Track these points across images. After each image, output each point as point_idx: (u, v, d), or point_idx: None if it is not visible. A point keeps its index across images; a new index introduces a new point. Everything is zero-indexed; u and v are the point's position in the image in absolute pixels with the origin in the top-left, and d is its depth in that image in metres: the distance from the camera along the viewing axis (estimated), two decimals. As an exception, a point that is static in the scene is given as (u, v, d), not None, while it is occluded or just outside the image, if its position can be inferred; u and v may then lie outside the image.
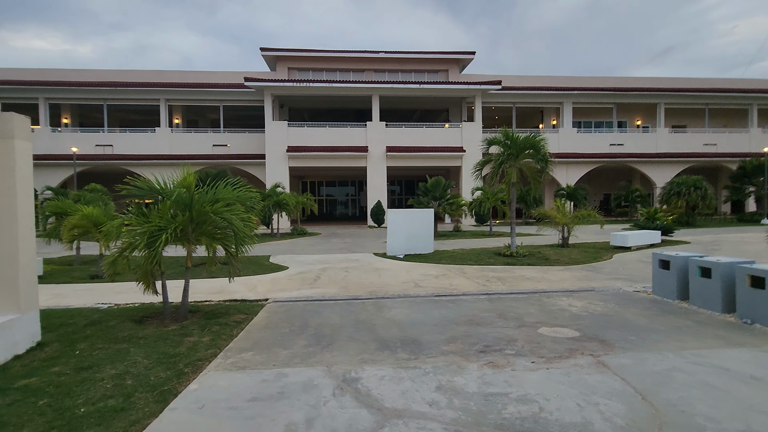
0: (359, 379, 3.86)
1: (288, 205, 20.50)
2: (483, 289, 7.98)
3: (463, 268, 10.60)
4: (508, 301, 7.01)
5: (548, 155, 11.83)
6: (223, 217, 5.60)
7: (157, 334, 5.16)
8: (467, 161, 29.49)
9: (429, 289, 8.14)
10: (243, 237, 5.62)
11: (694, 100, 35.03)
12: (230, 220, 5.55)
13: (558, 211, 14.54)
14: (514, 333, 5.19)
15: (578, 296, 7.31)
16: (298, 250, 15.04)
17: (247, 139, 30.66)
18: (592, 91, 33.27)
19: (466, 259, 11.90)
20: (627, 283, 8.40)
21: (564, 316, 5.94)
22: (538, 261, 11.41)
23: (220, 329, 5.39)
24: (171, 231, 5.24)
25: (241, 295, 7.72)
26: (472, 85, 29.11)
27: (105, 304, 7.08)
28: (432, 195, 19.52)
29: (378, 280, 9.08)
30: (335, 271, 10.37)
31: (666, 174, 33.61)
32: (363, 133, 28.99)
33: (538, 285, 8.36)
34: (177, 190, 5.51)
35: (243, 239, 5.66)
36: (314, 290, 8.15)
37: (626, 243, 13.54)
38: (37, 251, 5.09)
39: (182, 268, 9.29)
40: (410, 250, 13.20)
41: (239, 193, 6.00)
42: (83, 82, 29.94)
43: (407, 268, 10.78)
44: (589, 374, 3.87)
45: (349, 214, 39.67)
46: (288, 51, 32.93)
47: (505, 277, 9.20)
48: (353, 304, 6.98)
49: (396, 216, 13.31)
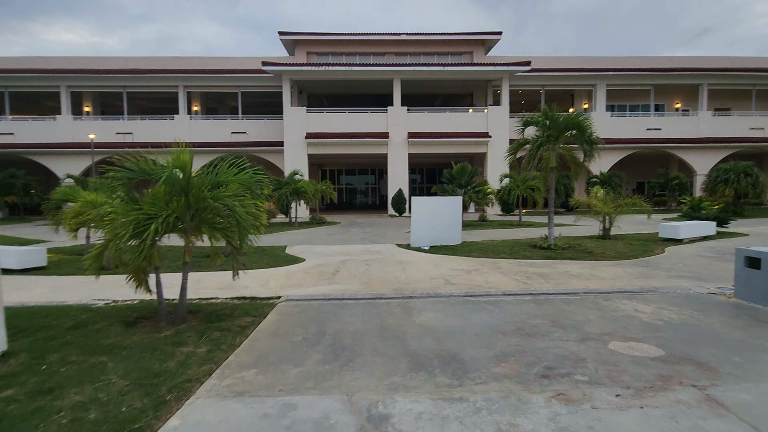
0: (389, 417, 2.92)
1: (306, 193, 19.71)
2: (525, 288, 6.93)
3: (497, 262, 9.54)
4: (559, 303, 5.96)
5: (596, 137, 10.54)
6: (224, 203, 4.71)
7: (145, 342, 4.35)
8: (493, 148, 28.07)
9: (462, 286, 7.14)
10: (247, 227, 4.72)
11: (740, 80, 32.44)
12: (232, 207, 4.66)
13: (598, 200, 13.23)
14: (580, 349, 4.16)
15: (642, 298, 6.19)
16: (316, 240, 14.22)
17: (266, 126, 29.95)
18: (628, 71, 31.15)
19: (498, 251, 10.82)
20: (695, 283, 7.19)
21: (634, 326, 4.87)
22: (580, 255, 10.23)
23: (221, 336, 4.54)
24: (162, 220, 4.39)
25: (251, 292, 6.90)
26: (500, 66, 27.47)
27: (101, 300, 6.36)
28: (457, 182, 18.36)
29: (403, 276, 8.13)
30: (356, 264, 9.47)
31: (707, 160, 31.40)
32: (384, 118, 27.85)
33: (588, 284, 7.25)
34: (168, 170, 4.64)
35: (247, 229, 4.76)
36: (333, 286, 7.26)
37: (678, 235, 12.16)
38: (48, 240, 4.30)
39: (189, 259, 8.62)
40: (436, 242, 12.18)
41: (243, 175, 5.10)
42: (103, 70, 29.72)
43: (434, 261, 9.79)
44: (704, 419, 2.83)
45: (369, 203, 38.75)
46: (306, 35, 31.95)
47: (548, 274, 8.11)
48: (377, 304, 6.06)
49: (421, 204, 12.28)
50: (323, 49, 32.69)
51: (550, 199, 11.49)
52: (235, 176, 5.10)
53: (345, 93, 33.48)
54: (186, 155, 4.72)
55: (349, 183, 39.12)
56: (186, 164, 4.73)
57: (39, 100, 33.54)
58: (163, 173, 4.59)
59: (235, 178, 5.08)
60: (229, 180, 5.04)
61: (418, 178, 38.02)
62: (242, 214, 4.64)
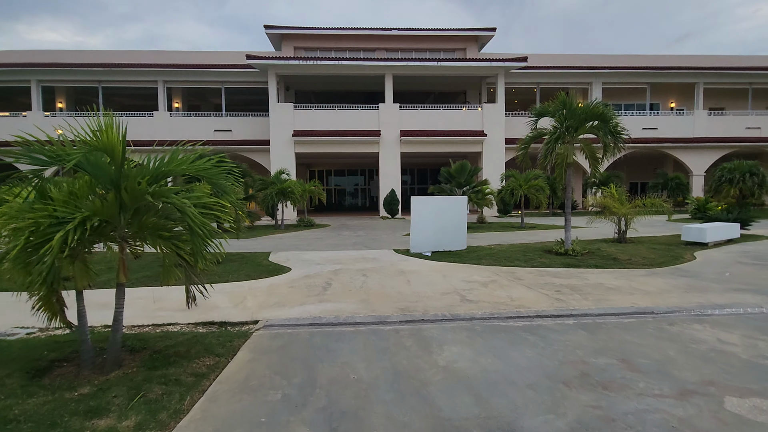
0: None
1: (293, 194, 18.23)
2: (562, 307, 5.64)
3: (515, 271, 8.24)
4: (615, 330, 4.67)
5: (620, 128, 9.34)
6: (170, 202, 3.31)
7: (46, 408, 2.91)
8: (489, 146, 26.95)
9: (483, 305, 5.82)
10: (204, 234, 3.32)
11: (737, 79, 31.90)
12: (182, 208, 3.25)
13: (615, 200, 12.08)
14: (689, 413, 2.85)
15: (714, 321, 4.94)
16: (304, 245, 12.79)
17: (251, 124, 28.36)
18: (624, 69, 30.38)
19: (511, 258, 9.54)
20: (762, 298, 5.98)
21: (736, 368, 3.60)
22: (604, 261, 9.00)
23: (165, 394, 3.13)
24: (74, 225, 2.97)
25: (221, 314, 5.48)
26: (495, 62, 26.35)
27: (23, 328, 4.88)
28: (456, 182, 17.11)
29: (408, 290, 6.78)
30: (350, 274, 8.09)
31: (704, 160, 30.85)
32: (375, 116, 26.50)
33: (634, 300, 5.99)
34: (80, 154, 3.21)
35: (204, 238, 3.35)
36: (324, 305, 5.87)
37: (704, 238, 11.04)
38: None
39: (149, 266, 6.95)
40: (439, 247, 10.87)
41: (203, 164, 3.70)
42: (77, 64, 27.84)
43: (441, 270, 8.46)
44: None
45: (359, 205, 37.35)
46: (294, 29, 30.46)
47: (580, 287, 6.84)
48: (382, 333, 4.70)
49: (422, 205, 10.95)
50: (311, 44, 31.24)
51: (567, 199, 10.26)
52: (191, 164, 3.70)
53: (334, 90, 32.07)
54: (112, 132, 3.30)
55: (338, 184, 37.68)
56: (114, 146, 3.31)
57: (10, 96, 31.46)
58: (72, 157, 3.14)
59: (191, 166, 3.67)
60: (182, 170, 3.64)
61: (408, 180, 36.70)
62: (195, 217, 3.23)
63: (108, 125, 3.31)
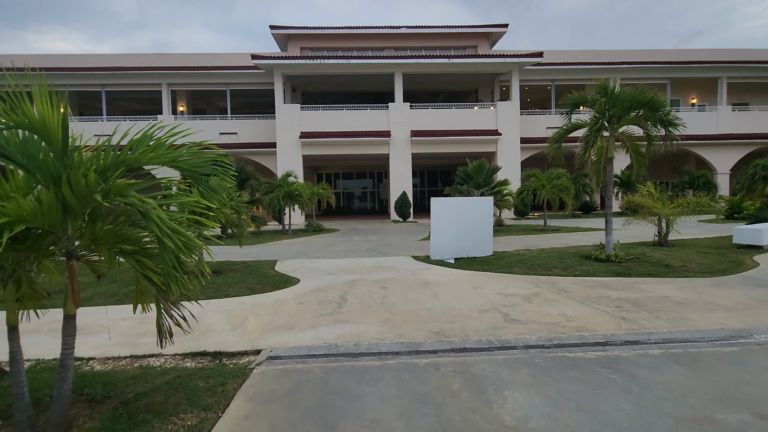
0: None
1: (301, 197, 17.30)
2: (633, 330, 4.57)
3: (557, 281, 7.16)
4: (718, 364, 3.60)
5: (673, 116, 8.26)
6: (128, 203, 2.33)
7: None
8: (503, 146, 25.86)
9: (534, 327, 4.77)
10: (176, 249, 2.33)
11: (762, 73, 30.52)
12: (145, 212, 2.28)
13: (655, 200, 10.95)
14: None
15: (842, 350, 3.86)
16: (313, 251, 11.81)
17: (257, 126, 27.56)
18: (644, 65, 29.20)
19: (547, 265, 8.46)
20: None
21: None
22: (656, 269, 7.89)
23: (120, 482, 2.15)
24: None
25: (216, 339, 4.50)
26: (510, 58, 25.26)
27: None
28: (474, 182, 16.03)
29: (437, 305, 5.75)
30: (368, 286, 7.08)
31: (728, 158, 29.46)
32: (384, 116, 25.53)
33: (717, 318, 4.90)
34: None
35: (177, 252, 2.36)
36: (340, 327, 4.87)
37: (760, 241, 9.87)
38: None
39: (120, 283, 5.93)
40: (462, 253, 9.83)
41: (179, 153, 2.72)
42: (79, 68, 27.31)
43: (470, 280, 7.41)
44: None
45: (368, 208, 36.33)
46: (300, 29, 29.70)
47: (641, 300, 5.76)
48: (417, 369, 3.67)
49: (442, 206, 9.91)
50: (318, 44, 30.43)
51: (608, 198, 9.16)
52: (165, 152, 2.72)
53: (341, 91, 31.21)
54: (47, 106, 2.35)
55: (346, 187, 36.73)
56: (49, 126, 2.34)
57: (10, 100, 31.05)
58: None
59: (164, 154, 2.69)
60: (152, 159, 2.66)
61: (418, 182, 35.61)
62: (164, 224, 2.24)
63: (44, 90, 2.34)
